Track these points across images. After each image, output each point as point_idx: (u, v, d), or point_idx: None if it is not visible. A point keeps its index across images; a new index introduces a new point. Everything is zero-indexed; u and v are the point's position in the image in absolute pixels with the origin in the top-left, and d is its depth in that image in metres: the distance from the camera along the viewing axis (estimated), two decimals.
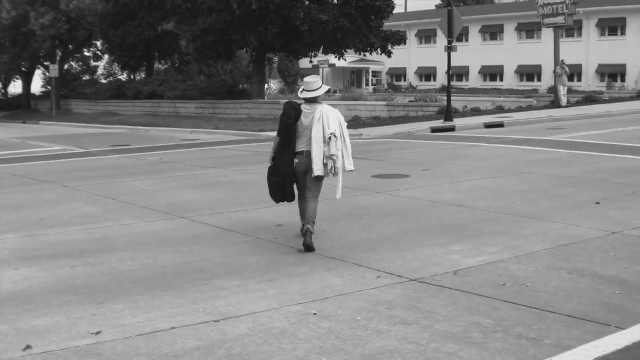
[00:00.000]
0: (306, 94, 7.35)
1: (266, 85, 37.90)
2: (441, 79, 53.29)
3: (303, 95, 7.39)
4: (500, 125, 21.66)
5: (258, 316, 5.18)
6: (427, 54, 57.15)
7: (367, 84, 61.16)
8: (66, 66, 49.01)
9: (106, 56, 50.14)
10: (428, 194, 10.12)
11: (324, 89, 7.45)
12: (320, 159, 7.15)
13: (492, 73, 54.58)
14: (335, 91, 44.57)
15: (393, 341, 4.64)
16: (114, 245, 7.64)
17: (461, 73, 54.47)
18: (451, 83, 25.56)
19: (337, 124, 7.21)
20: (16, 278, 6.41)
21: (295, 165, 7.32)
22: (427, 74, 58.60)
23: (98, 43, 47.29)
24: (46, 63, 45.12)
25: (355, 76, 62.31)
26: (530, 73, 52.17)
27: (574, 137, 17.09)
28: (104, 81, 50.11)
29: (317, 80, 7.43)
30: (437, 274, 6.15)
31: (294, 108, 7.34)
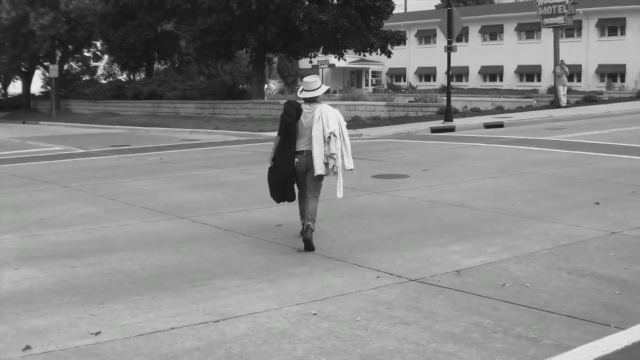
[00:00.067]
0: (306, 94, 7.36)
1: (266, 85, 37.88)
2: (441, 79, 53.27)
3: (303, 95, 7.40)
4: (500, 125, 21.66)
5: (258, 316, 5.18)
6: (427, 54, 57.14)
7: (367, 84, 61.14)
8: (66, 66, 49.08)
9: (106, 56, 50.22)
10: (428, 194, 10.12)
11: (324, 89, 7.47)
12: (321, 159, 7.16)
13: (492, 73, 54.57)
14: (335, 91, 44.53)
15: (393, 341, 4.64)
16: (114, 245, 7.65)
17: (461, 73, 54.46)
18: (451, 83, 25.55)
19: (337, 124, 7.23)
20: (16, 278, 6.41)
21: (295, 164, 7.33)
22: (427, 74, 58.59)
23: (98, 43, 47.35)
24: (46, 63, 45.17)
25: (355, 76, 62.30)
26: (530, 73, 52.16)
27: (574, 138, 17.09)
28: (104, 81, 50.17)
29: (317, 80, 7.44)
30: (437, 274, 6.15)
31: (295, 107, 7.35)
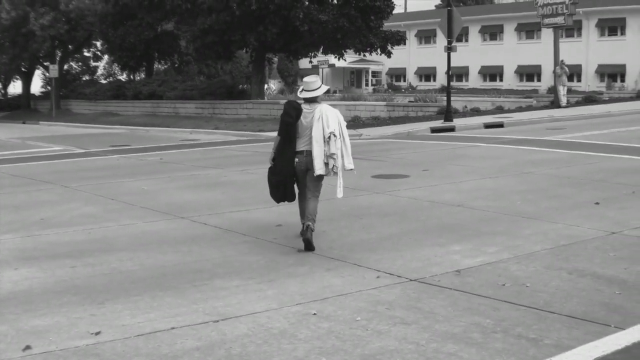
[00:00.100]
0: (306, 94, 7.37)
1: (266, 85, 37.89)
2: (441, 79, 53.27)
3: (303, 95, 7.40)
4: (500, 125, 21.66)
5: (258, 316, 5.18)
6: (427, 54, 57.13)
7: (367, 84, 61.14)
8: (66, 66, 49.08)
9: (106, 56, 50.21)
10: (428, 194, 10.12)
11: (324, 89, 7.47)
12: (321, 159, 7.17)
13: (492, 73, 54.57)
14: (335, 91, 44.55)
15: (393, 341, 4.64)
16: (114, 245, 7.65)
17: (461, 73, 54.45)
18: (451, 83, 25.54)
19: (337, 123, 7.23)
20: (16, 278, 6.41)
21: (295, 164, 7.33)
22: (427, 74, 58.59)
23: (98, 43, 47.35)
24: (46, 63, 45.17)
25: (355, 76, 62.30)
26: (530, 73, 52.16)
27: (574, 138, 17.08)
28: (104, 81, 50.16)
29: (317, 80, 7.45)
30: (437, 274, 6.15)
31: (295, 107, 7.35)
